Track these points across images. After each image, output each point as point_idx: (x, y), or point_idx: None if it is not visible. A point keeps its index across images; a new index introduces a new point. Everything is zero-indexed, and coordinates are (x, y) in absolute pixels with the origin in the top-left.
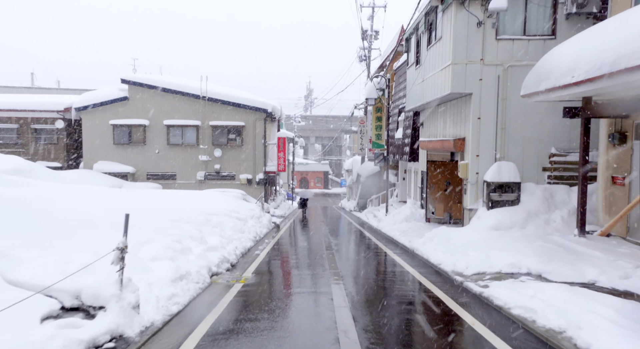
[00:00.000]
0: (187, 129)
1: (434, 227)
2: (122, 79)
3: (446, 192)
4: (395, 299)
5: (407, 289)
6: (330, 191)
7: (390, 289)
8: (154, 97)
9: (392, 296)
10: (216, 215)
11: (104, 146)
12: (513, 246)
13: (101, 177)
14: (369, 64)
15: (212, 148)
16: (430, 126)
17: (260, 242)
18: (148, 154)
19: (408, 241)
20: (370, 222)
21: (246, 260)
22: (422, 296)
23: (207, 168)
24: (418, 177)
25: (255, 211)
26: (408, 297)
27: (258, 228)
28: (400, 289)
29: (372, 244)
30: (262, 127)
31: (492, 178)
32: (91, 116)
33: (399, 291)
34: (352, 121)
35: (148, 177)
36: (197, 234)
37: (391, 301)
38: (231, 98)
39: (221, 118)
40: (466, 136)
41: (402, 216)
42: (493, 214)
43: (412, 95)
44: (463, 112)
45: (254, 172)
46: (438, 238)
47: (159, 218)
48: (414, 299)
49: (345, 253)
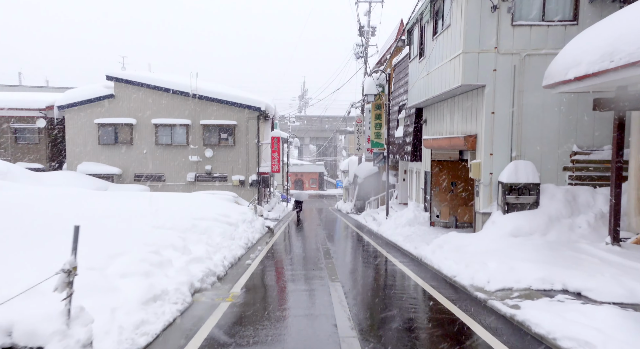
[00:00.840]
0: (177, 128)
1: (440, 232)
2: (107, 76)
3: (452, 194)
4: (410, 323)
5: (422, 309)
6: (325, 192)
7: (403, 309)
8: (141, 95)
9: (406, 319)
10: (204, 220)
11: (88, 146)
12: (538, 256)
13: (85, 179)
14: (366, 60)
15: (203, 148)
16: (434, 123)
17: (253, 250)
18: (135, 155)
19: (414, 248)
20: (370, 226)
21: (236, 271)
22: (442, 318)
23: (198, 169)
24: (420, 178)
25: (247, 215)
26: (426, 321)
27: (250, 234)
28: (415, 309)
29: (374, 251)
30: (255, 126)
31: (508, 179)
32: (75, 114)
33: (414, 313)
34: (347, 121)
35: (135, 178)
36: (179, 243)
37: (406, 326)
38: (223, 96)
39: (212, 117)
40: (478, 132)
41: (404, 220)
42: (510, 219)
43: (415, 90)
44: (474, 107)
45: (246, 173)
46: (448, 245)
47: (138, 224)
48: (434, 324)
49: (346, 262)
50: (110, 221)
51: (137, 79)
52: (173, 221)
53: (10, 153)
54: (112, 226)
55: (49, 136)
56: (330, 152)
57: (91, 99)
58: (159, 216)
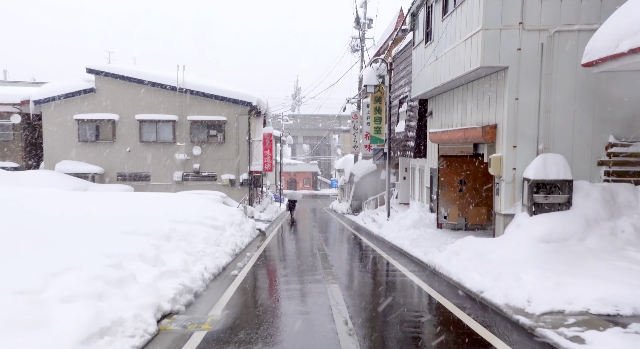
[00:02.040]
0: (163, 125)
1: (449, 235)
2: (87, 69)
3: (461, 192)
4: None
5: (452, 339)
6: (319, 192)
7: (428, 338)
8: (124, 89)
9: None
10: (186, 223)
11: (67, 144)
12: (584, 268)
13: (63, 179)
14: (363, 54)
15: (191, 146)
16: (442, 114)
17: (241, 257)
18: (118, 153)
19: (423, 254)
20: (369, 228)
21: (219, 285)
22: None
23: (185, 168)
24: (425, 175)
25: (236, 217)
26: None
27: (239, 238)
28: (445, 340)
29: (378, 257)
30: (246, 122)
31: (535, 175)
32: (53, 109)
33: (445, 346)
34: (341, 120)
35: (118, 178)
36: (150, 252)
37: None
38: (211, 90)
39: (200, 112)
40: (498, 122)
41: (408, 221)
42: (539, 222)
43: (420, 79)
44: (493, 93)
45: (237, 172)
46: (466, 252)
47: (106, 229)
48: None
49: (348, 273)
50: (69, 226)
51: (120, 72)
52: (149, 225)
53: None
54: (71, 232)
55: (25, 132)
56: (324, 152)
57: (70, 94)
58: (132, 219)
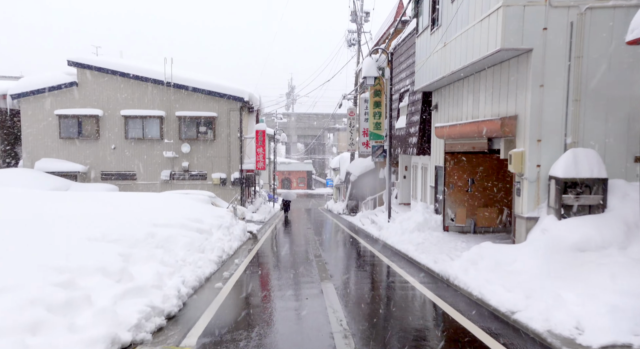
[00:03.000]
0: (150, 121)
1: (458, 239)
2: (69, 61)
3: (470, 192)
4: None
5: None
6: (314, 191)
7: None
8: (108, 83)
9: None
10: (168, 227)
11: (48, 141)
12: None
13: (43, 178)
14: (359, 48)
15: (179, 143)
16: (450, 107)
17: (228, 264)
18: (102, 150)
19: (433, 262)
20: (369, 230)
21: (199, 302)
22: None
23: (174, 166)
24: (428, 174)
25: (225, 219)
26: None
27: (227, 243)
28: None
29: (382, 265)
30: (237, 118)
31: (565, 173)
32: (32, 104)
33: None
34: (336, 119)
35: (103, 177)
36: (116, 264)
37: None
38: (201, 84)
39: (189, 108)
40: (519, 113)
41: (412, 224)
42: (571, 227)
43: (424, 70)
44: (514, 80)
45: (228, 170)
46: (485, 261)
47: (69, 235)
48: None
49: (350, 284)
50: (24, 232)
51: (104, 65)
52: (122, 229)
53: None
54: (22, 239)
55: (2, 129)
56: (318, 150)
57: (51, 88)
58: (104, 223)
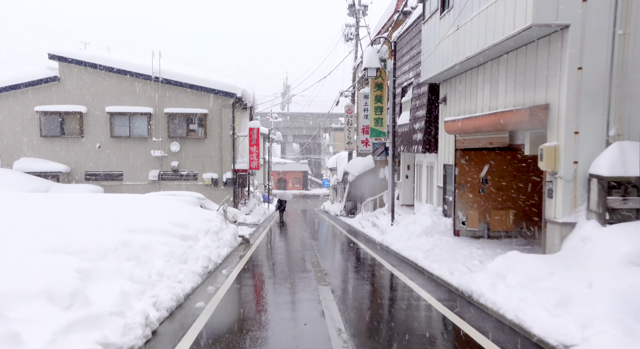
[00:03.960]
0: (136, 118)
1: (472, 245)
2: (50, 55)
3: (483, 193)
4: None
5: None
6: (309, 192)
7: None
8: (93, 78)
9: None
10: (146, 232)
11: (28, 139)
12: None
13: (22, 179)
14: (358, 43)
15: (168, 141)
16: (461, 99)
17: (215, 276)
18: (86, 149)
19: (448, 273)
20: (370, 234)
21: (172, 329)
22: None
23: (163, 166)
24: (435, 173)
25: (214, 223)
26: None
27: (214, 250)
28: None
29: (389, 275)
30: (229, 115)
31: (610, 171)
32: (10, 100)
33: None
34: (332, 118)
35: (87, 177)
36: (68, 285)
37: None
38: (191, 79)
39: (179, 104)
40: (551, 101)
41: (419, 228)
42: (621, 235)
43: (432, 59)
44: (543, 64)
45: (220, 170)
46: (515, 275)
47: (22, 246)
48: None
49: (356, 302)
50: None
51: (87, 59)
52: (89, 237)
53: None
54: None
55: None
56: (314, 150)
57: (30, 83)
58: (70, 230)
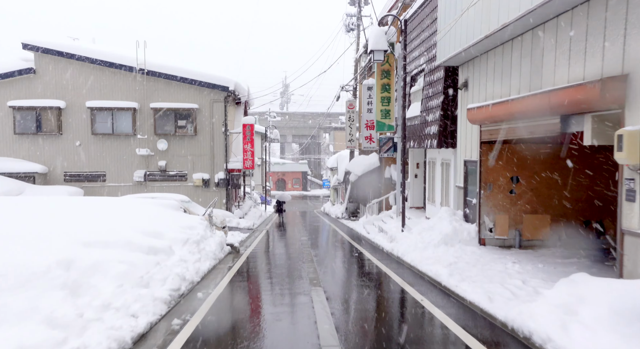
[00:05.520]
0: (120, 114)
1: (504, 257)
2: (24, 44)
3: (514, 195)
4: None
5: None
6: (309, 193)
7: None
8: (72, 71)
9: None
10: (105, 246)
11: (1, 137)
12: None
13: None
14: (359, 34)
15: (155, 139)
16: (489, 81)
17: (187, 301)
18: (65, 148)
19: (486, 299)
20: (377, 241)
21: None
22: None
23: (149, 165)
24: (452, 171)
25: (195, 230)
26: None
27: (193, 265)
28: None
29: (406, 298)
30: (221, 110)
31: None
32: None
33: None
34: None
35: (67, 178)
36: None
37: None
38: (179, 71)
39: (166, 99)
40: (632, 69)
41: (437, 235)
42: None
43: (453, 35)
44: (615, 22)
45: (212, 170)
46: (590, 310)
47: None
48: None
49: (369, 341)
50: None
51: (64, 49)
52: (18, 256)
53: None
54: None
55: None
56: (314, 150)
57: (3, 75)
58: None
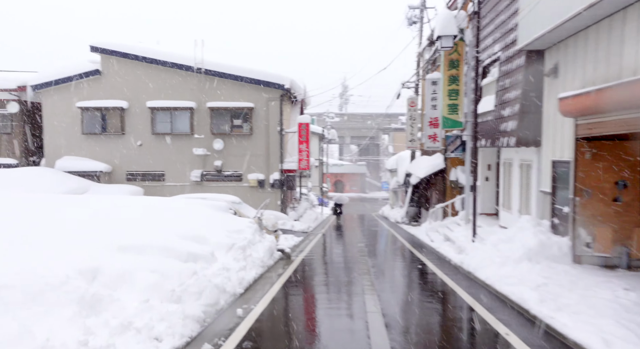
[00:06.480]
0: (178, 113)
1: (611, 281)
2: (92, 47)
3: (620, 203)
4: None
5: None
6: (367, 195)
7: None
8: (133, 71)
9: None
10: (139, 251)
11: (70, 137)
12: None
13: (59, 178)
14: (422, 27)
15: (211, 138)
16: (587, 63)
17: (225, 318)
18: (127, 147)
19: (601, 343)
20: (442, 252)
21: None
22: None
23: (205, 165)
24: (534, 173)
25: (243, 234)
26: None
27: (236, 274)
28: None
29: (493, 337)
30: (277, 109)
31: None
32: (53, 96)
33: None
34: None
35: (128, 177)
36: None
37: None
38: (235, 70)
39: (222, 98)
40: None
41: (518, 249)
42: None
43: (541, 9)
44: None
45: (267, 170)
46: None
47: None
48: None
49: None
50: None
51: (129, 50)
52: (35, 263)
53: None
54: None
55: (24, 124)
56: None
57: (72, 77)
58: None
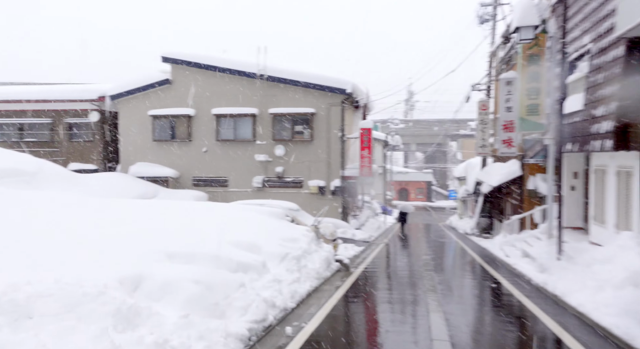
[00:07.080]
0: (241, 120)
1: None
2: (163, 57)
3: None
4: None
5: None
6: (433, 204)
7: None
8: (201, 79)
9: None
10: (188, 259)
11: (142, 144)
12: None
13: (130, 183)
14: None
15: (273, 145)
16: None
17: (272, 338)
18: (193, 153)
19: None
20: (520, 269)
21: None
22: None
23: (267, 171)
24: (637, 183)
25: (298, 244)
26: None
27: (288, 287)
28: None
29: None
30: (338, 114)
31: None
32: (128, 105)
33: None
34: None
35: (194, 183)
36: None
37: None
38: (296, 75)
39: (284, 104)
40: None
41: (620, 272)
42: None
43: None
44: None
45: (328, 177)
46: None
47: None
48: None
49: None
50: None
51: (197, 60)
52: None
53: (63, 152)
54: None
55: (103, 131)
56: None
57: (145, 86)
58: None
